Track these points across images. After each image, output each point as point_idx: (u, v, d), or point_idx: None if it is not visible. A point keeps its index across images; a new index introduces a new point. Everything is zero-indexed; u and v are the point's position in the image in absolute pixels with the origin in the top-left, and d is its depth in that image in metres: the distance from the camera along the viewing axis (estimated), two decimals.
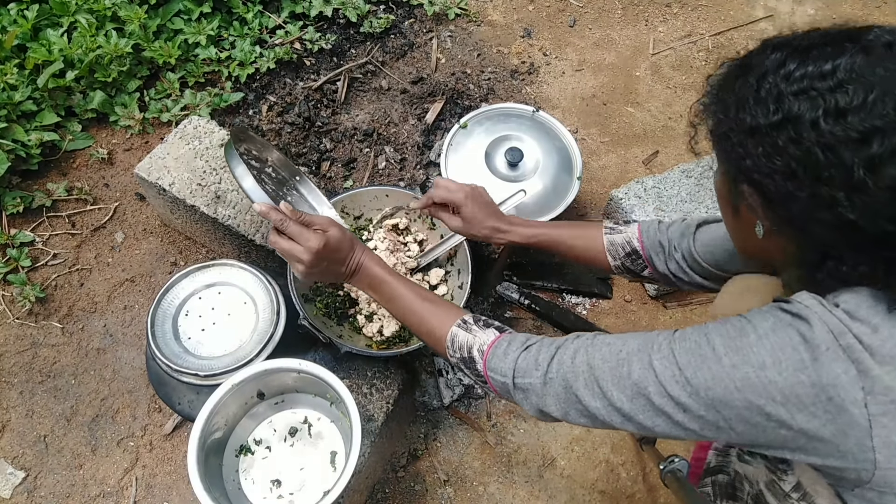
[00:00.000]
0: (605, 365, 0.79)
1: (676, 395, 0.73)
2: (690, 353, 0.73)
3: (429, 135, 1.99)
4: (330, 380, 1.21)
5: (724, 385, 0.70)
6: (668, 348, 0.75)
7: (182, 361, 1.28)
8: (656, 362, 0.74)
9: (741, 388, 0.69)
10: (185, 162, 1.63)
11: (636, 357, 0.77)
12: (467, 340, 0.95)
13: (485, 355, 0.92)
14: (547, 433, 1.60)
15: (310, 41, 2.14)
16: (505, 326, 0.97)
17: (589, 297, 1.81)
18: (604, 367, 0.79)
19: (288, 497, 1.23)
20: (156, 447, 1.54)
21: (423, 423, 1.60)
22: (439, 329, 0.99)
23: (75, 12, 1.97)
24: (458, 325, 0.97)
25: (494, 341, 0.92)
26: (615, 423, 0.79)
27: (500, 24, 2.40)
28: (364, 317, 1.48)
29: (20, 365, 1.62)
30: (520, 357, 0.88)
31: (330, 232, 1.04)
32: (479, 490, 1.53)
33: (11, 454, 1.51)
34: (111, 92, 1.98)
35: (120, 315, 1.70)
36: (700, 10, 2.49)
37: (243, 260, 1.44)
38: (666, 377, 0.73)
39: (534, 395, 0.86)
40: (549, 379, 0.84)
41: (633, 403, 0.76)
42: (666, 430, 0.76)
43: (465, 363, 0.96)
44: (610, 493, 1.53)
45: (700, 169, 1.86)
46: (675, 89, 2.26)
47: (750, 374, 0.68)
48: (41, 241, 1.76)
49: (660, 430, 0.76)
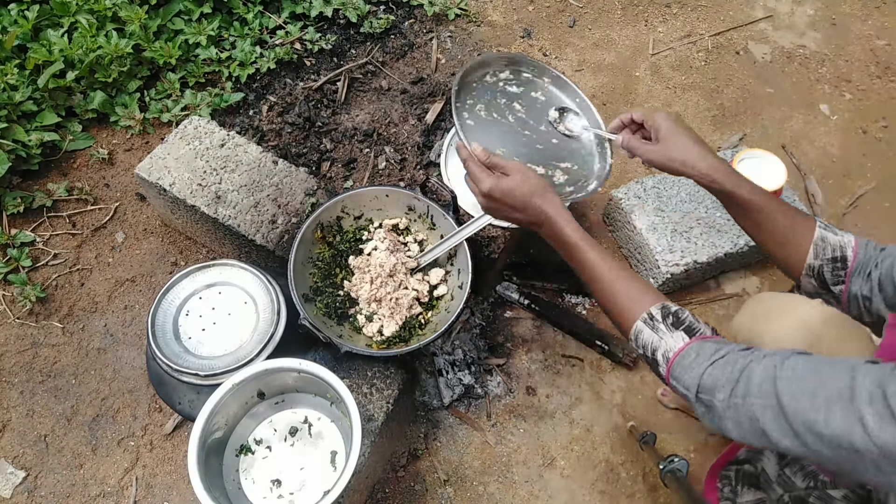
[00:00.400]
0: (798, 405, 0.70)
1: (887, 452, 0.63)
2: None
3: (429, 135, 1.99)
4: (330, 379, 1.21)
5: None
6: (884, 403, 0.63)
7: (182, 361, 1.28)
8: (868, 417, 0.64)
9: None
10: (186, 162, 1.63)
11: (838, 406, 0.66)
12: (652, 341, 0.89)
13: (670, 363, 0.86)
14: (547, 433, 1.60)
15: (310, 41, 2.14)
16: (696, 326, 0.88)
17: (589, 296, 1.81)
18: (796, 407, 0.70)
19: (288, 497, 1.23)
20: (156, 447, 1.54)
21: (423, 423, 1.60)
22: (626, 317, 0.93)
23: (76, 13, 1.98)
24: (643, 320, 0.90)
25: (682, 350, 0.85)
26: (809, 459, 0.72)
27: (500, 25, 2.40)
28: (364, 317, 1.48)
29: (21, 365, 1.62)
30: (706, 372, 0.80)
31: (506, 178, 1.05)
32: (479, 490, 1.53)
33: (12, 454, 1.51)
34: (111, 92, 1.98)
35: (120, 315, 1.70)
36: (700, 11, 2.49)
37: (243, 260, 1.44)
38: (882, 437, 0.63)
39: (715, 416, 0.79)
40: (733, 404, 0.76)
41: (834, 453, 0.67)
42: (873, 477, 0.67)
43: (647, 361, 0.91)
44: (610, 493, 1.53)
45: None
46: (675, 89, 2.27)
47: None
48: (42, 241, 1.77)
49: (867, 477, 0.67)
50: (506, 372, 1.68)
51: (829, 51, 2.38)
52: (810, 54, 2.37)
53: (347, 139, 1.99)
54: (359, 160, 1.96)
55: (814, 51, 2.38)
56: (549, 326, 1.76)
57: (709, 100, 2.25)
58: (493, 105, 1.30)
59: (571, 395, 1.66)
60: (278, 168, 1.66)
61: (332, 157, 1.95)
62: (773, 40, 2.41)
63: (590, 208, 1.96)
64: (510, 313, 1.78)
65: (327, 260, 1.54)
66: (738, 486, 1.13)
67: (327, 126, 2.01)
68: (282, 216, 1.60)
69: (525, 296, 1.77)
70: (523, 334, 1.75)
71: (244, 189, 1.61)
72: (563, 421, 1.62)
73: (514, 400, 1.65)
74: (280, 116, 2.00)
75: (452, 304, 1.48)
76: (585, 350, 1.72)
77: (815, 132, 2.18)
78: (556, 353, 1.72)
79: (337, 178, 1.92)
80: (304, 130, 1.98)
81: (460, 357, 1.65)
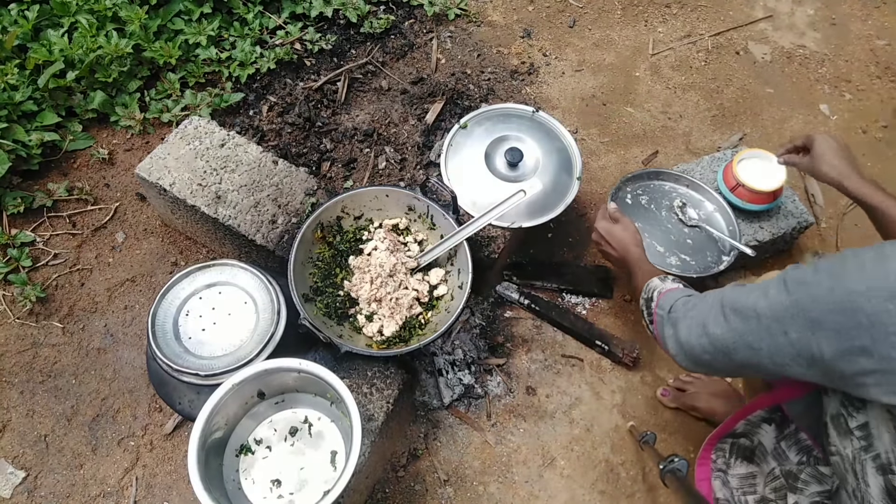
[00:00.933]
0: (730, 297, 0.95)
1: (780, 313, 0.83)
2: (799, 281, 0.83)
3: (429, 135, 1.99)
4: (330, 379, 1.21)
5: (821, 306, 0.79)
6: (782, 279, 0.87)
7: (182, 361, 1.28)
8: (771, 290, 0.87)
9: (834, 311, 0.77)
10: (186, 162, 1.63)
11: (757, 289, 0.90)
12: (656, 286, 1.21)
13: (661, 294, 1.17)
14: (547, 433, 1.60)
15: (310, 41, 2.14)
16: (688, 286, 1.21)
17: (589, 296, 1.81)
18: (729, 297, 0.95)
19: (288, 497, 1.23)
20: (156, 447, 1.54)
21: (423, 423, 1.60)
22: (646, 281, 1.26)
23: (76, 13, 1.98)
24: (659, 278, 1.24)
25: (671, 289, 1.17)
26: (729, 345, 0.93)
27: (500, 25, 2.40)
28: (364, 317, 1.48)
29: (21, 365, 1.62)
30: (679, 300, 1.10)
31: (614, 225, 1.47)
32: (479, 490, 1.53)
33: (12, 454, 1.51)
34: (112, 92, 1.98)
35: (120, 315, 1.70)
36: (699, 11, 2.49)
37: (243, 260, 1.44)
38: (777, 301, 0.85)
39: (676, 325, 1.06)
40: (688, 315, 1.04)
41: (746, 324, 0.89)
42: (770, 351, 0.87)
43: (646, 300, 1.22)
44: (610, 493, 1.53)
45: (699, 169, 1.86)
46: (675, 89, 2.27)
47: (843, 299, 0.76)
48: (42, 241, 1.77)
49: (764, 352, 0.87)
50: (506, 372, 1.68)
51: (828, 51, 2.38)
52: (810, 54, 2.37)
53: (347, 139, 1.99)
54: (359, 160, 1.96)
55: (814, 51, 2.38)
56: (549, 326, 1.76)
57: (709, 100, 2.25)
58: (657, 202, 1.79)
59: (571, 395, 1.66)
60: (278, 168, 1.66)
61: (332, 157, 1.95)
62: (773, 40, 2.41)
63: (590, 208, 1.97)
64: (510, 313, 1.78)
65: (327, 260, 1.54)
66: (731, 458, 1.18)
67: (327, 126, 2.01)
68: (282, 216, 1.60)
69: (525, 296, 1.77)
70: (523, 334, 1.75)
71: (244, 189, 1.61)
72: (563, 421, 1.62)
73: (514, 400, 1.65)
74: (280, 116, 2.00)
75: (452, 304, 1.48)
76: (585, 350, 1.72)
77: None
78: (556, 353, 1.72)
79: (337, 178, 1.92)
80: (304, 130, 1.98)
81: (460, 357, 1.65)
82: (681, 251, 1.70)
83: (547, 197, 1.63)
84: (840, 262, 0.79)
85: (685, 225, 1.74)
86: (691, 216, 1.73)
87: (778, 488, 1.09)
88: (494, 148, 1.71)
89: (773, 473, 1.12)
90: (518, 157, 1.65)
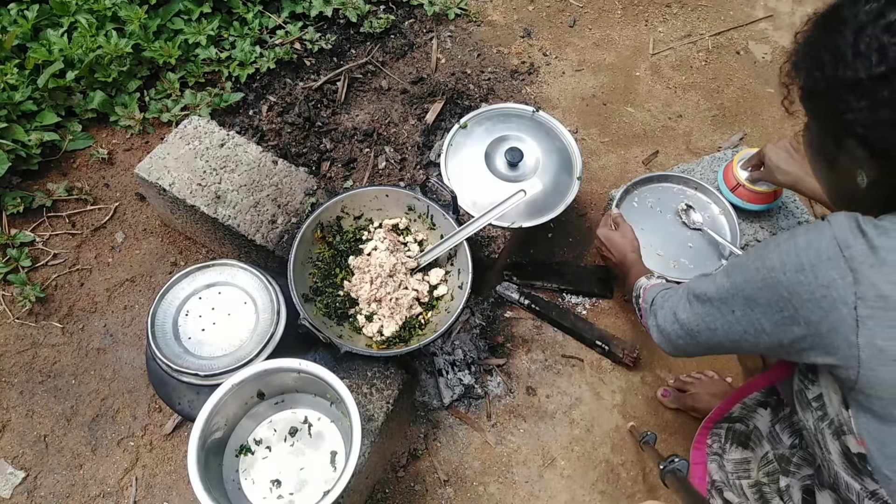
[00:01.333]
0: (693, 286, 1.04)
1: (724, 295, 0.93)
2: (735, 265, 0.93)
3: (429, 135, 1.99)
4: (330, 380, 1.21)
5: (751, 285, 0.87)
6: (725, 265, 0.99)
7: (182, 361, 1.28)
8: (718, 276, 0.97)
9: (762, 287, 0.85)
10: (186, 162, 1.63)
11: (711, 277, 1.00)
12: (643, 284, 1.30)
13: (646, 290, 1.26)
14: (547, 433, 1.60)
15: (310, 41, 2.14)
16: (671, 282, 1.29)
17: (589, 296, 1.81)
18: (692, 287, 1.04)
19: (288, 497, 1.23)
20: (156, 447, 1.54)
21: (423, 423, 1.60)
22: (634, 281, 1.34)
23: (75, 12, 1.98)
24: (646, 276, 1.33)
25: (655, 284, 1.26)
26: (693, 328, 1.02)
27: (500, 24, 2.40)
28: (364, 317, 1.48)
29: (20, 365, 1.62)
30: (659, 293, 1.19)
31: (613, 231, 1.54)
32: (479, 490, 1.53)
33: (11, 454, 1.51)
34: (111, 92, 1.98)
35: (120, 315, 1.70)
36: (700, 10, 2.49)
37: (243, 260, 1.44)
38: (721, 284, 0.95)
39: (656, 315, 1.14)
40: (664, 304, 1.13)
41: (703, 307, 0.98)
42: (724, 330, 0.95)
43: (634, 296, 1.30)
44: (610, 493, 1.53)
45: (700, 169, 1.86)
46: (675, 89, 2.26)
47: (766, 276, 0.84)
48: (41, 241, 1.77)
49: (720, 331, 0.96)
50: (506, 372, 1.68)
51: None
52: None
53: (347, 139, 1.99)
54: (359, 160, 1.95)
55: None
56: (549, 326, 1.76)
57: (709, 100, 2.24)
58: None
59: (571, 395, 1.66)
60: (278, 168, 1.66)
61: (332, 157, 1.95)
62: (774, 40, 2.41)
63: (590, 208, 1.96)
64: (510, 313, 1.78)
65: (327, 260, 1.54)
66: (726, 443, 1.21)
67: (327, 126, 2.01)
68: (282, 216, 1.60)
69: (525, 296, 1.76)
70: (523, 334, 1.74)
71: (244, 189, 1.61)
72: (563, 421, 1.62)
73: (514, 400, 1.65)
74: (280, 116, 2.00)
75: (452, 304, 1.48)
76: (585, 350, 1.72)
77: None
78: (556, 353, 1.71)
79: (337, 177, 1.92)
80: (304, 130, 1.98)
81: (460, 357, 1.65)
82: (681, 255, 1.70)
83: (547, 197, 1.63)
84: (763, 244, 0.89)
85: (688, 228, 1.73)
86: (695, 220, 1.72)
87: (771, 472, 1.11)
88: (494, 148, 1.70)
89: (766, 458, 1.14)
90: (518, 156, 1.65)
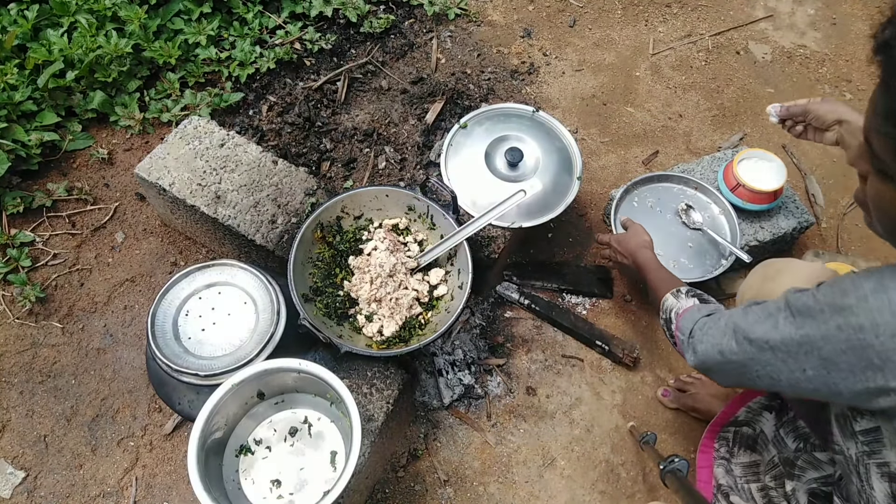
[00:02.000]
0: (743, 326, 0.93)
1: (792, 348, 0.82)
2: (805, 314, 0.81)
3: (429, 135, 1.99)
4: (330, 380, 1.21)
5: (832, 346, 0.77)
6: (787, 308, 0.85)
7: (182, 361, 1.28)
8: (780, 321, 0.85)
9: (846, 351, 0.75)
10: (186, 162, 1.63)
11: (767, 318, 0.88)
12: (672, 305, 1.20)
13: (679, 316, 1.14)
14: (547, 433, 1.60)
15: (310, 41, 2.14)
16: (705, 297, 1.19)
17: (589, 296, 1.81)
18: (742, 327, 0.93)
19: (288, 497, 1.23)
20: (156, 447, 1.54)
21: (423, 423, 1.60)
22: (660, 295, 1.26)
23: (75, 12, 1.98)
24: (672, 293, 1.23)
25: (689, 308, 1.14)
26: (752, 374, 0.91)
27: (500, 24, 2.40)
28: (364, 317, 1.48)
29: (20, 365, 1.62)
30: (698, 321, 1.08)
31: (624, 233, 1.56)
32: (479, 490, 1.53)
33: (11, 454, 1.51)
34: (111, 92, 1.98)
35: (120, 315, 1.70)
36: (700, 10, 2.49)
37: (243, 260, 1.44)
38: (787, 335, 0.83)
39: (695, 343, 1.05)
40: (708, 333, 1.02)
41: (762, 355, 0.88)
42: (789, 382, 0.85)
43: (665, 320, 1.21)
44: (610, 493, 1.53)
45: (700, 169, 1.86)
46: (675, 89, 2.26)
47: (852, 337, 0.74)
48: (41, 241, 1.77)
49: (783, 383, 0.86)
50: (506, 372, 1.68)
51: (829, 51, 2.37)
52: (811, 54, 2.37)
53: (347, 139, 1.99)
54: (359, 160, 1.95)
55: (814, 51, 2.38)
56: (549, 326, 1.76)
57: (709, 100, 2.24)
58: None
59: (571, 395, 1.66)
60: (278, 168, 1.66)
61: (331, 157, 1.95)
62: (774, 40, 2.41)
63: (590, 208, 1.96)
64: (510, 313, 1.78)
65: (327, 260, 1.54)
66: (734, 447, 1.20)
67: (327, 126, 2.01)
68: (281, 216, 1.60)
69: (525, 296, 1.76)
70: (523, 334, 1.74)
71: (244, 189, 1.61)
72: (563, 421, 1.62)
73: (514, 400, 1.65)
74: (280, 116, 2.00)
75: (452, 304, 1.48)
76: (585, 350, 1.72)
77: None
78: (556, 353, 1.71)
79: (337, 177, 1.92)
80: (304, 130, 1.98)
81: (460, 357, 1.65)
82: (681, 255, 1.70)
83: (547, 197, 1.63)
84: (841, 293, 0.77)
85: (688, 228, 1.73)
86: (695, 220, 1.73)
87: (777, 476, 1.11)
88: (494, 148, 1.70)
89: (772, 461, 1.13)
90: (518, 156, 1.65)
